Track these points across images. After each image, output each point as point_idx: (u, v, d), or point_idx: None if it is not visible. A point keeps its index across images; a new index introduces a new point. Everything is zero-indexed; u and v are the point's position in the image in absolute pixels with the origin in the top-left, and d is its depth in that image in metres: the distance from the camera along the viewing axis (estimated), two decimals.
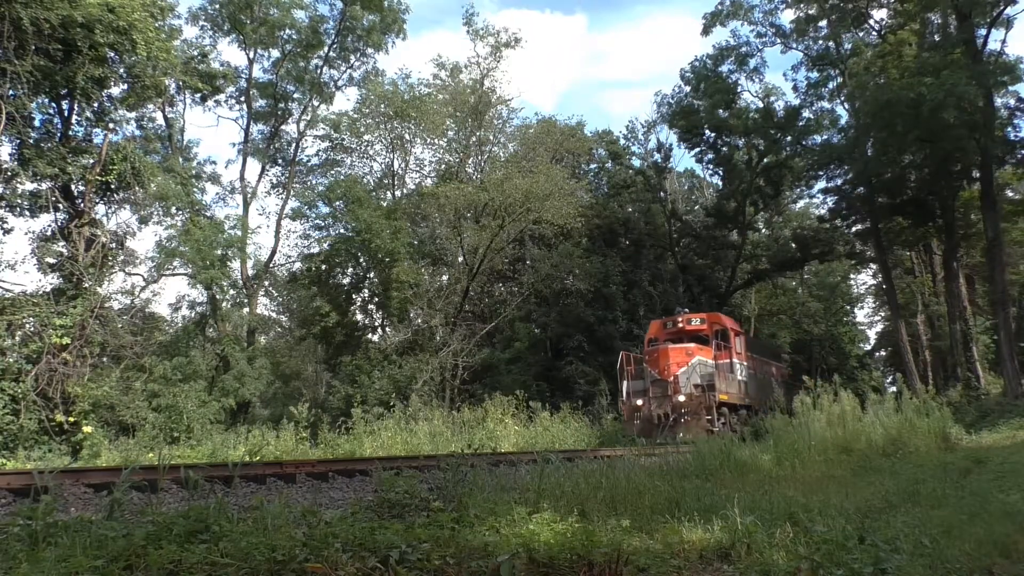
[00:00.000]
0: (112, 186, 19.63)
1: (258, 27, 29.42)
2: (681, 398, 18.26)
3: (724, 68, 36.78)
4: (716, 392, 18.54)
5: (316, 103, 32.87)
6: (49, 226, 19.35)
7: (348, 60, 32.57)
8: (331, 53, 31.99)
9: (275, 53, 31.51)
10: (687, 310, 25.75)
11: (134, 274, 23.59)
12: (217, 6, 29.70)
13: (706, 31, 37.08)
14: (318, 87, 32.20)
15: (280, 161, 33.44)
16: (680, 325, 21.29)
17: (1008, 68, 26.71)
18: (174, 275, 26.83)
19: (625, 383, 19.63)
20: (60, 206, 18.90)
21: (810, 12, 34.45)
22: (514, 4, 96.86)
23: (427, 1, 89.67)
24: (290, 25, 30.27)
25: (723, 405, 18.94)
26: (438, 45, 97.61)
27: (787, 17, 36.26)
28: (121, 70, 19.42)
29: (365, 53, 32.32)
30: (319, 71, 32.13)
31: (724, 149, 38.40)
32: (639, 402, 19.00)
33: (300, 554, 3.52)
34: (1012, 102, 29.19)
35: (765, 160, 37.30)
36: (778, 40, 36.64)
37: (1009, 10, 26.70)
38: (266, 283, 34.14)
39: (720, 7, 36.14)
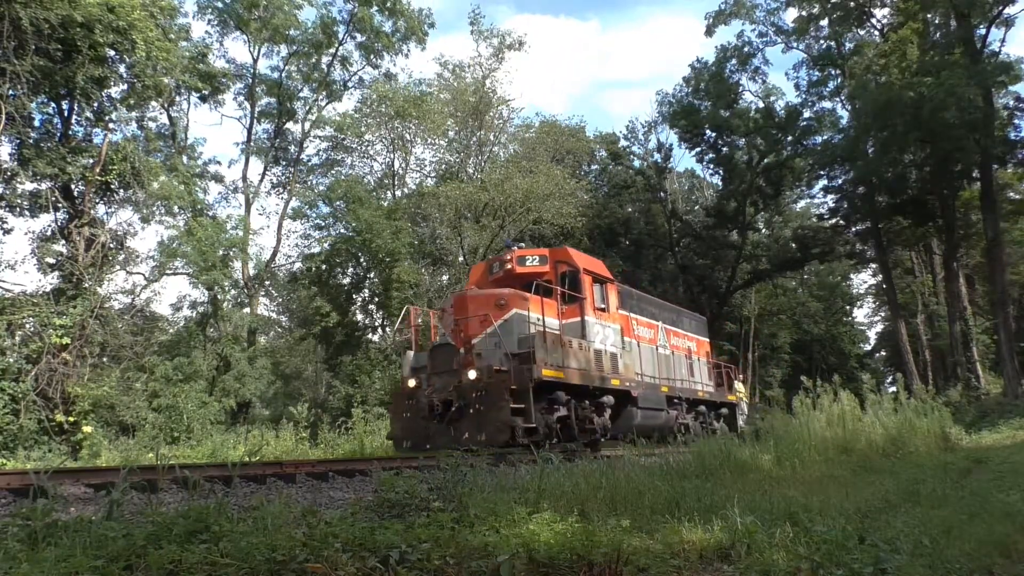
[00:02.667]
0: (112, 186, 19.64)
1: (262, 27, 29.40)
2: (471, 375, 11.50)
3: (726, 68, 36.82)
4: (536, 366, 11.43)
5: (323, 102, 32.85)
6: (49, 226, 19.38)
7: (364, 59, 32.43)
8: (342, 52, 31.93)
9: (283, 49, 31.46)
10: (523, 244, 19.66)
11: (135, 274, 23.61)
12: (222, 5, 29.69)
13: (709, 31, 37.16)
14: (326, 85, 32.14)
15: (282, 161, 33.45)
16: (509, 267, 14.34)
17: (1007, 68, 26.74)
18: (175, 275, 26.84)
19: (409, 355, 13.44)
20: (60, 206, 18.91)
21: (812, 11, 34.48)
22: (528, 9, 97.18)
23: (444, 6, 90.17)
24: (295, 26, 30.25)
25: (559, 388, 12.24)
26: (452, 48, 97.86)
27: (790, 16, 36.32)
28: (121, 70, 19.43)
29: (380, 56, 32.22)
30: (329, 69, 32.02)
31: (725, 149, 38.43)
32: (413, 383, 12.41)
33: (300, 554, 3.52)
34: (1012, 102, 29.23)
35: (766, 160, 37.34)
36: (779, 39, 36.71)
37: (1008, 10, 26.73)
38: (267, 283, 34.13)
39: (724, 6, 36.19)
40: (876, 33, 34.39)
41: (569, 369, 12.46)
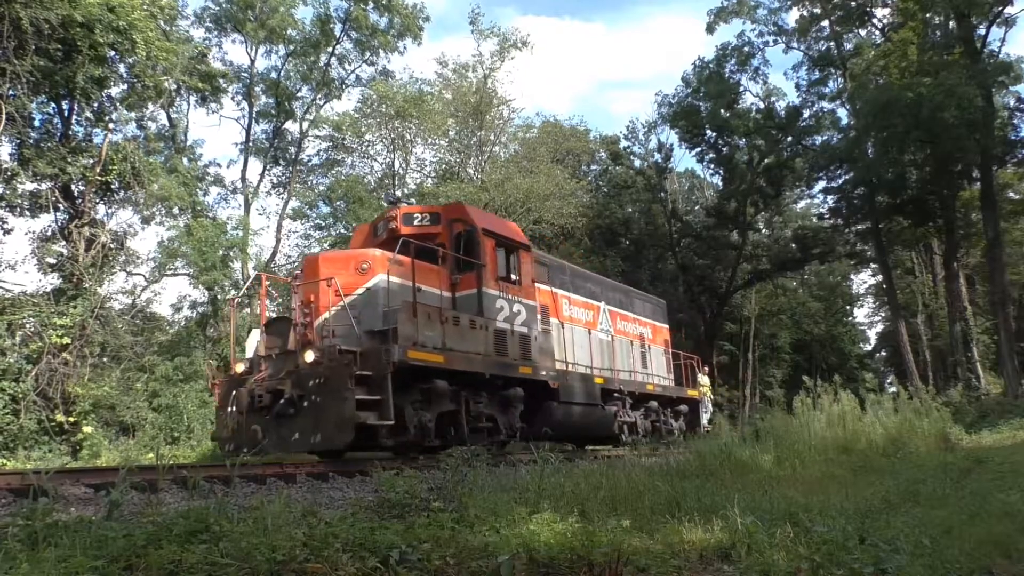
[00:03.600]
0: (112, 186, 19.64)
1: (259, 27, 29.41)
2: (309, 357, 9.16)
3: (726, 68, 36.85)
4: (398, 346, 9.06)
5: (322, 101, 32.85)
6: (49, 226, 19.39)
7: (360, 57, 32.43)
8: (339, 51, 31.93)
9: (281, 50, 31.46)
10: (413, 201, 17.18)
11: (135, 274, 23.63)
12: (218, 8, 29.70)
13: (710, 29, 37.18)
14: (324, 85, 32.15)
15: (281, 161, 33.42)
16: (393, 226, 11.54)
17: (1007, 68, 26.75)
18: (176, 275, 26.83)
19: (254, 333, 10.73)
20: (60, 206, 18.92)
21: (815, 11, 34.51)
22: (533, 11, 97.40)
23: (449, 8, 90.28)
24: (292, 25, 30.25)
25: (440, 375, 9.85)
26: (457, 50, 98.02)
27: (792, 17, 36.36)
28: (121, 70, 19.44)
29: (376, 53, 32.24)
30: (327, 68, 32.02)
31: (725, 149, 38.45)
32: (241, 368, 10.11)
33: (300, 554, 3.52)
34: (1012, 102, 29.24)
35: (766, 160, 37.33)
36: (780, 40, 36.73)
37: (1008, 10, 26.74)
38: (267, 283, 34.09)
39: (726, 3, 36.20)
40: (876, 33, 34.43)
41: (454, 352, 9.97)
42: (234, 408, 9.44)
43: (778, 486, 7.26)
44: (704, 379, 19.86)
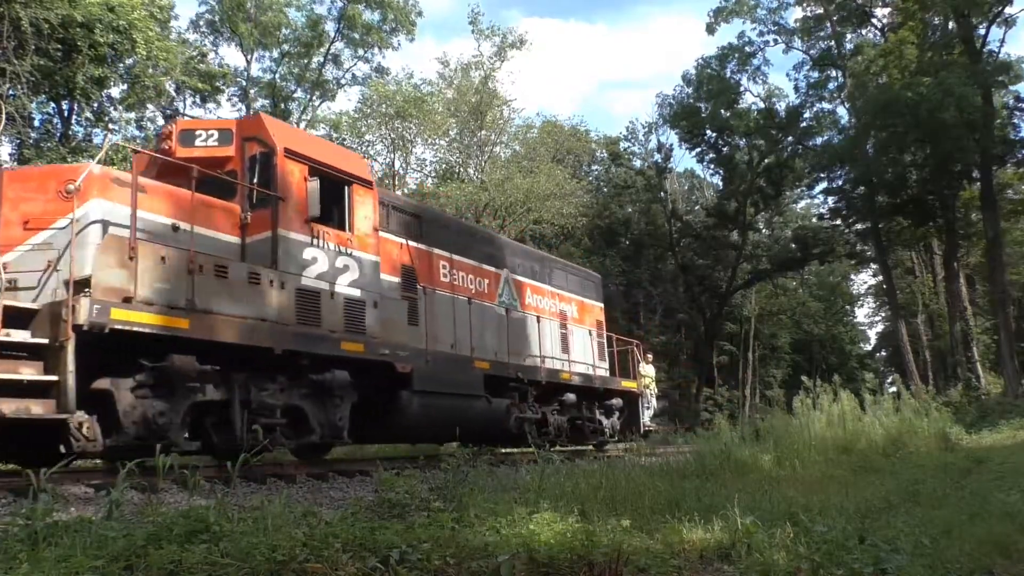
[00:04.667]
0: None
1: (253, 28, 29.46)
2: None
3: (727, 68, 36.87)
4: (93, 301, 6.31)
5: (317, 102, 32.93)
6: None
7: (353, 56, 32.56)
8: (332, 51, 32.03)
9: (275, 52, 31.59)
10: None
11: None
12: (213, 14, 29.79)
13: (711, 29, 37.19)
14: (319, 85, 32.20)
15: None
16: (168, 146, 8.65)
17: (1007, 68, 26.76)
18: None
19: None
20: None
21: (817, 11, 34.54)
22: (538, 13, 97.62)
23: (452, 10, 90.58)
24: (286, 24, 30.33)
25: (183, 349, 7.04)
26: (461, 51, 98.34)
27: (793, 16, 36.39)
28: (121, 70, 19.45)
29: (371, 51, 32.36)
30: (321, 69, 32.11)
31: (725, 149, 38.46)
32: None
33: (300, 554, 3.52)
34: (1011, 101, 29.24)
35: (766, 160, 37.34)
36: (780, 39, 36.74)
37: (1008, 9, 26.76)
38: None
39: (726, 3, 36.21)
40: (876, 33, 34.46)
41: (213, 317, 7.22)
42: None
43: (778, 486, 7.26)
44: (648, 369, 17.30)
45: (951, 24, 28.25)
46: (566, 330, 14.42)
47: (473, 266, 12.11)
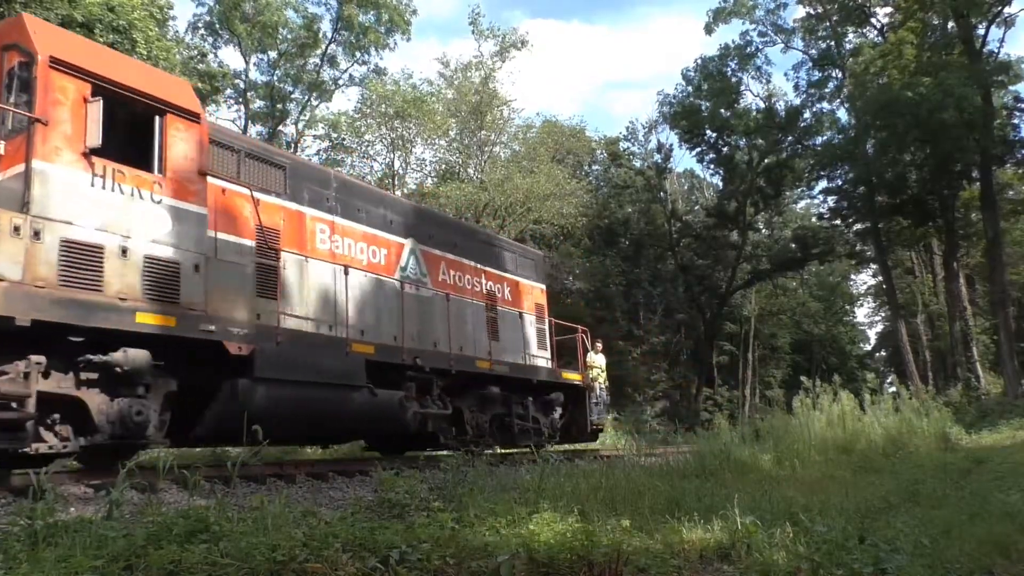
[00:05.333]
0: None
1: (252, 28, 29.48)
2: None
3: (727, 66, 36.88)
4: None
5: (315, 102, 32.97)
6: None
7: (351, 55, 32.61)
8: (329, 52, 32.10)
9: (273, 54, 31.64)
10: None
11: None
12: (211, 16, 29.83)
13: (709, 29, 37.18)
14: (316, 86, 32.24)
15: None
16: None
17: (1006, 67, 26.78)
18: None
19: None
20: None
21: (819, 11, 34.59)
22: (541, 14, 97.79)
23: (455, 12, 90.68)
24: (283, 24, 30.38)
25: None
26: (465, 52, 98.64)
27: (794, 15, 36.49)
28: None
29: (368, 52, 32.41)
30: (318, 70, 32.16)
31: (725, 149, 38.46)
32: None
33: (300, 554, 3.52)
34: (1011, 101, 29.26)
35: (766, 160, 37.34)
36: (779, 39, 36.76)
37: (1008, 9, 26.77)
38: None
39: (724, 3, 36.22)
40: (875, 33, 34.48)
41: None
42: None
43: (778, 486, 7.26)
44: (598, 359, 15.27)
45: (951, 24, 28.26)
46: (495, 313, 12.35)
47: (366, 233, 10.19)
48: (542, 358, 13.79)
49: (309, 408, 8.21)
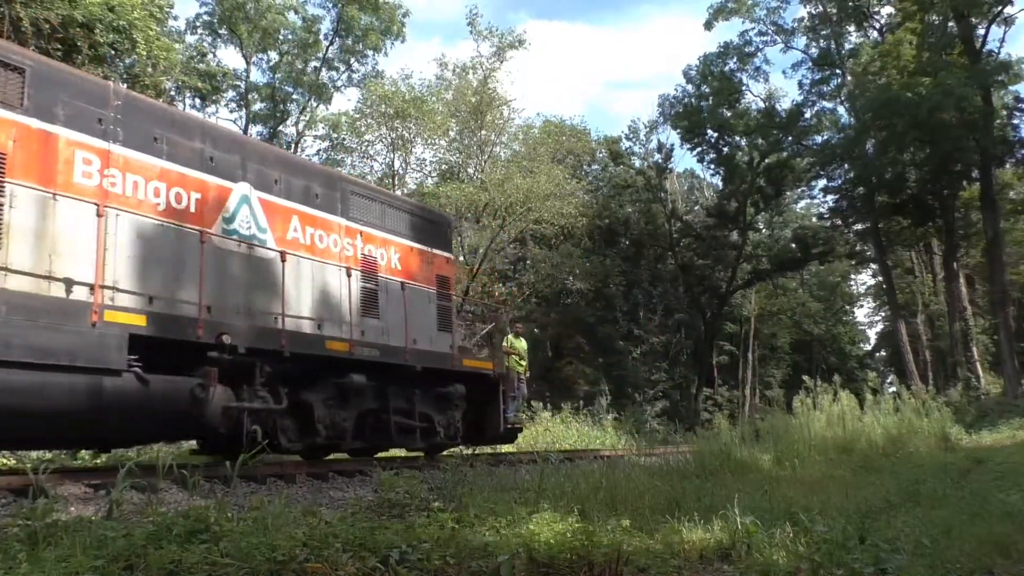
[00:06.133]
0: None
1: (253, 29, 29.50)
2: None
3: (727, 66, 36.89)
4: None
5: (315, 104, 33.00)
6: None
7: (347, 61, 32.71)
8: (328, 55, 32.14)
9: (273, 56, 31.70)
10: None
11: None
12: (213, 16, 29.85)
13: (708, 26, 37.19)
14: (316, 88, 32.27)
15: None
16: None
17: (1006, 67, 26.76)
18: None
19: None
20: None
21: (819, 10, 34.62)
22: (546, 16, 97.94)
23: (458, 14, 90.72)
24: (285, 26, 30.42)
25: None
26: (467, 53, 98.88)
27: (795, 15, 36.47)
28: (121, 69, 19.43)
29: (364, 55, 32.47)
30: (317, 72, 32.21)
31: (726, 149, 38.45)
32: None
33: (300, 554, 3.52)
34: (1011, 101, 29.25)
35: (767, 160, 37.34)
36: (779, 39, 36.77)
37: (1008, 9, 26.75)
38: None
39: (725, 2, 36.23)
40: (875, 33, 34.49)
41: None
42: None
43: (778, 486, 7.26)
44: (516, 343, 12.91)
45: (951, 24, 28.25)
46: (374, 284, 9.99)
47: (167, 170, 7.78)
48: (444, 340, 10.98)
49: (18, 401, 6.02)
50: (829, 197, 37.22)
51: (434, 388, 10.60)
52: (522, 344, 13.09)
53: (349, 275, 9.59)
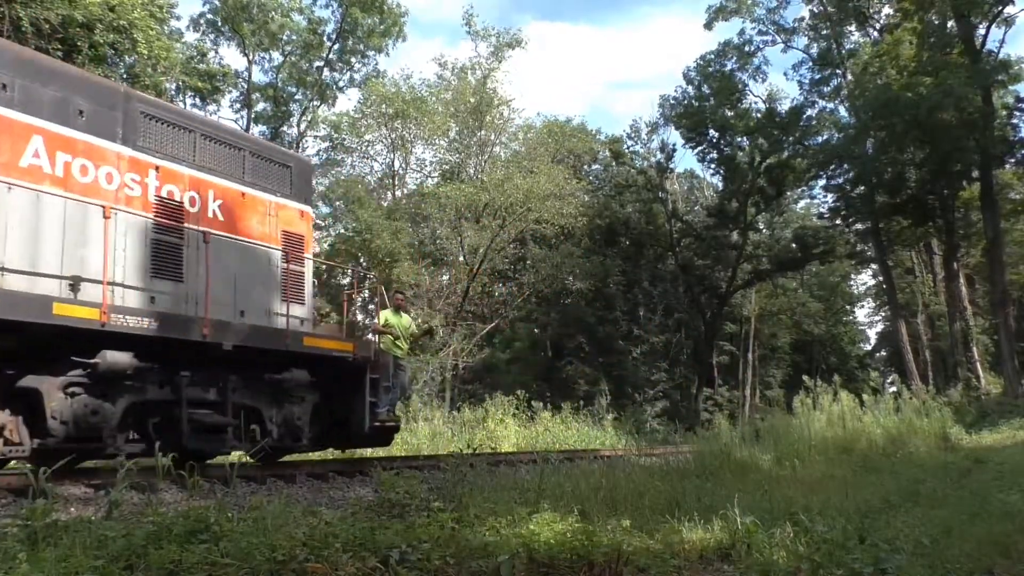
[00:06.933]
0: None
1: (257, 29, 29.50)
2: None
3: (728, 65, 36.88)
4: None
5: (317, 104, 33.02)
6: None
7: (349, 62, 32.72)
8: (331, 55, 32.14)
9: (276, 56, 31.72)
10: None
11: None
12: (216, 15, 29.84)
13: (708, 26, 37.18)
14: (319, 89, 32.30)
15: None
16: None
17: (1007, 67, 26.75)
18: None
19: None
20: None
21: (820, 9, 34.62)
22: (549, 17, 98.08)
23: (459, 15, 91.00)
24: (290, 27, 30.43)
25: None
26: (468, 53, 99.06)
27: (796, 15, 36.49)
28: (121, 69, 19.43)
29: (366, 55, 32.50)
30: (320, 73, 32.22)
31: (727, 149, 38.44)
32: None
33: (300, 554, 3.52)
34: (1011, 101, 29.24)
35: (768, 160, 37.33)
36: (779, 39, 36.76)
37: (1008, 9, 26.74)
38: None
39: (726, 2, 36.22)
40: (875, 33, 34.47)
41: None
42: None
43: (778, 486, 7.26)
44: (397, 320, 10.18)
45: (951, 24, 28.24)
46: (177, 237, 7.71)
47: None
48: (297, 312, 8.83)
49: None
50: (829, 197, 37.22)
51: (263, 376, 8.20)
52: (403, 320, 10.29)
53: (128, 222, 7.19)
